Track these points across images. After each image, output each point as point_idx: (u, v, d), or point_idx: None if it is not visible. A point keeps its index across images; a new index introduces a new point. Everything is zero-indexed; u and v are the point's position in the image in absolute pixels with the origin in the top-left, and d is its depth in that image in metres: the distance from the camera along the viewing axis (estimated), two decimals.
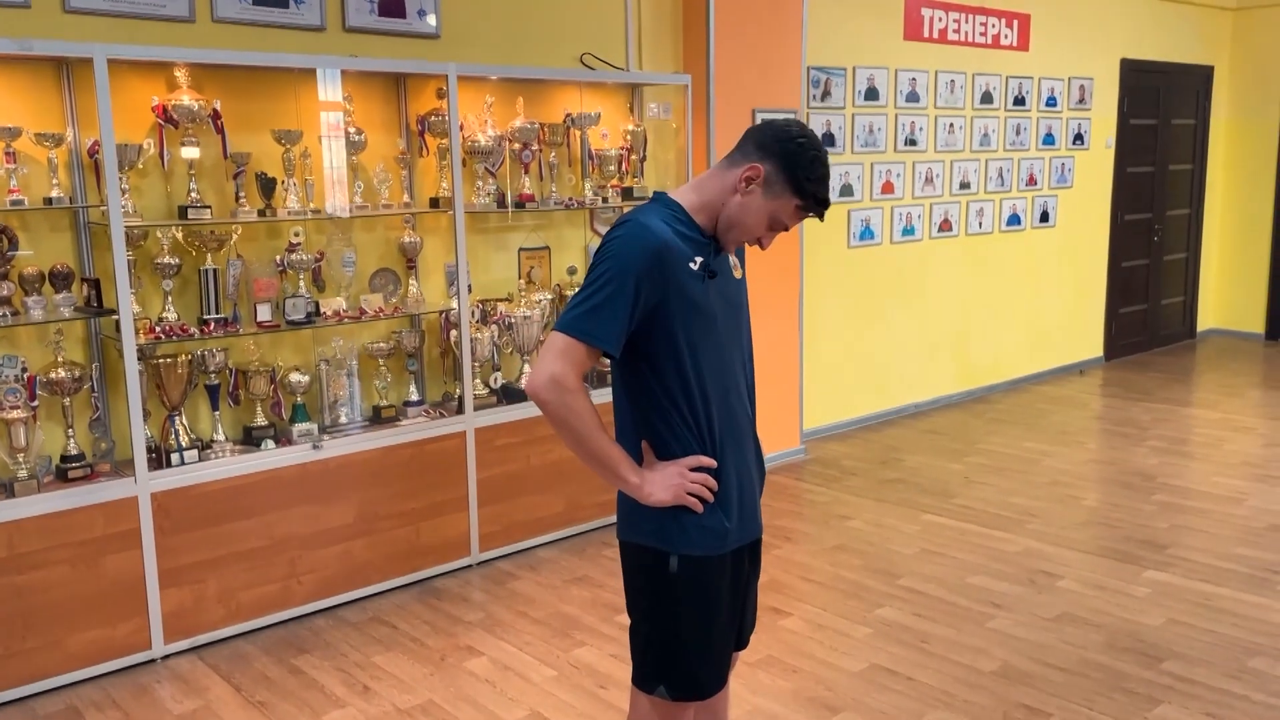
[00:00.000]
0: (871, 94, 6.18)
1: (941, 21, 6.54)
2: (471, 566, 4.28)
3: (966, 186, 6.93)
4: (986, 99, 6.96)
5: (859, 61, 6.08)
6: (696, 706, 2.13)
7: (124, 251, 3.34)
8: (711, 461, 2.01)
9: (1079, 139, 7.76)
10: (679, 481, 1.98)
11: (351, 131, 4.04)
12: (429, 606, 3.92)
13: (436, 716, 3.13)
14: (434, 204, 4.30)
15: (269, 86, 3.89)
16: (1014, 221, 7.34)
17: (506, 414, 4.32)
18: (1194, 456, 5.69)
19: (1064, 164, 7.69)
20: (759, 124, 2.03)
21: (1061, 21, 7.40)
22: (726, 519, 2.04)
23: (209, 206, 3.69)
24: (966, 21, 6.70)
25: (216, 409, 3.81)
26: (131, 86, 3.57)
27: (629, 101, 4.96)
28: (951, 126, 6.75)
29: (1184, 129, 8.78)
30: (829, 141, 5.93)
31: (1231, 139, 9.13)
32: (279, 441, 3.85)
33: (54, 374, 3.42)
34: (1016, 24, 7.05)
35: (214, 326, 3.72)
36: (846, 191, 6.15)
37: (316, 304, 3.98)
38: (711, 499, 2.01)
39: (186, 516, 3.54)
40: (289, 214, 3.89)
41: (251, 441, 3.85)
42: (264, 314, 3.84)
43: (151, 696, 3.29)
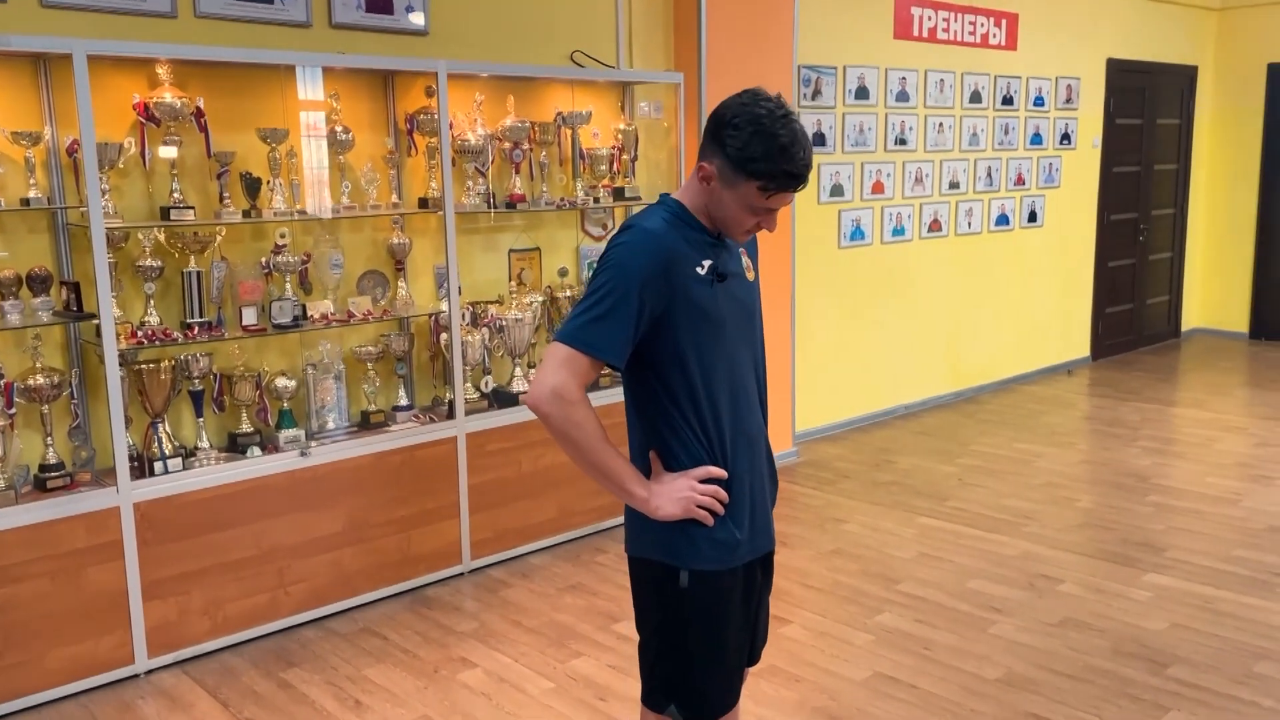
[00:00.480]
0: (862, 93, 6.13)
1: (931, 20, 6.51)
2: (463, 575, 4.20)
3: (956, 186, 6.90)
4: (975, 98, 6.93)
5: (849, 60, 6.03)
6: None
7: (104, 254, 3.24)
8: (721, 472, 1.94)
9: (1066, 139, 7.75)
10: (688, 494, 1.90)
11: (339, 130, 3.95)
12: (420, 616, 3.84)
13: None
14: (423, 204, 4.21)
15: (254, 84, 3.79)
16: (1002, 221, 7.32)
17: (498, 419, 4.24)
18: (1186, 457, 5.68)
19: (1051, 164, 7.67)
20: (711, 113, 1.93)
21: (1049, 21, 7.38)
22: (738, 531, 1.97)
23: (192, 207, 3.60)
24: (955, 20, 6.67)
25: (200, 415, 3.71)
26: (112, 83, 3.47)
27: (620, 100, 4.88)
28: (941, 126, 6.71)
29: (1169, 129, 8.79)
30: (819, 141, 5.87)
31: (1215, 139, 9.16)
32: (265, 449, 3.75)
33: (32, 380, 3.31)
34: (1005, 23, 7.02)
35: (198, 331, 3.63)
36: (837, 191, 6.10)
37: (303, 307, 3.88)
38: (722, 511, 1.94)
39: (170, 527, 3.44)
40: (274, 215, 3.79)
41: (237, 449, 3.75)
42: (249, 317, 3.75)
43: (135, 713, 3.19)
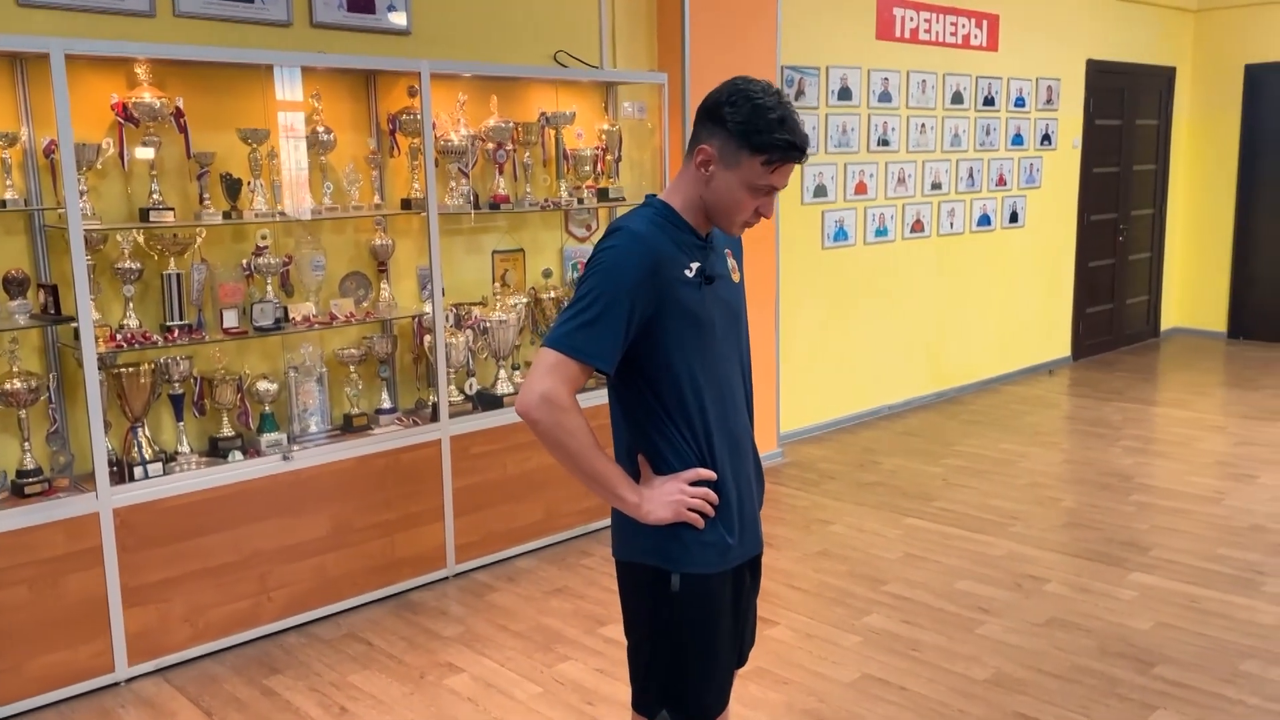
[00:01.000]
0: (844, 94, 6.13)
1: (913, 21, 6.52)
2: (448, 579, 4.16)
3: (938, 187, 6.92)
4: (957, 99, 6.95)
5: (832, 61, 6.04)
6: None
7: (83, 256, 3.19)
8: (710, 474, 1.93)
9: (1046, 139, 7.79)
10: (679, 497, 1.89)
11: (320, 130, 3.91)
12: (405, 621, 3.80)
13: None
14: (406, 205, 4.18)
15: (234, 84, 3.74)
16: (984, 222, 7.34)
17: (482, 421, 4.21)
18: (1168, 456, 5.70)
19: (1032, 164, 7.70)
20: (701, 103, 1.93)
21: (1029, 22, 7.41)
22: (729, 534, 1.96)
23: (172, 209, 3.55)
24: (937, 21, 6.69)
25: (181, 419, 3.67)
26: (90, 83, 3.42)
27: (604, 100, 4.86)
28: (923, 127, 6.73)
29: (1147, 129, 8.85)
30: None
31: (1193, 139, 9.22)
32: (246, 453, 3.71)
33: (9, 384, 3.25)
34: (986, 24, 7.05)
35: (178, 333, 3.58)
36: (820, 192, 6.10)
37: (285, 309, 3.84)
38: (713, 513, 1.93)
39: (151, 532, 3.39)
40: (255, 216, 3.75)
41: (218, 453, 3.70)
42: (230, 320, 3.70)
43: None
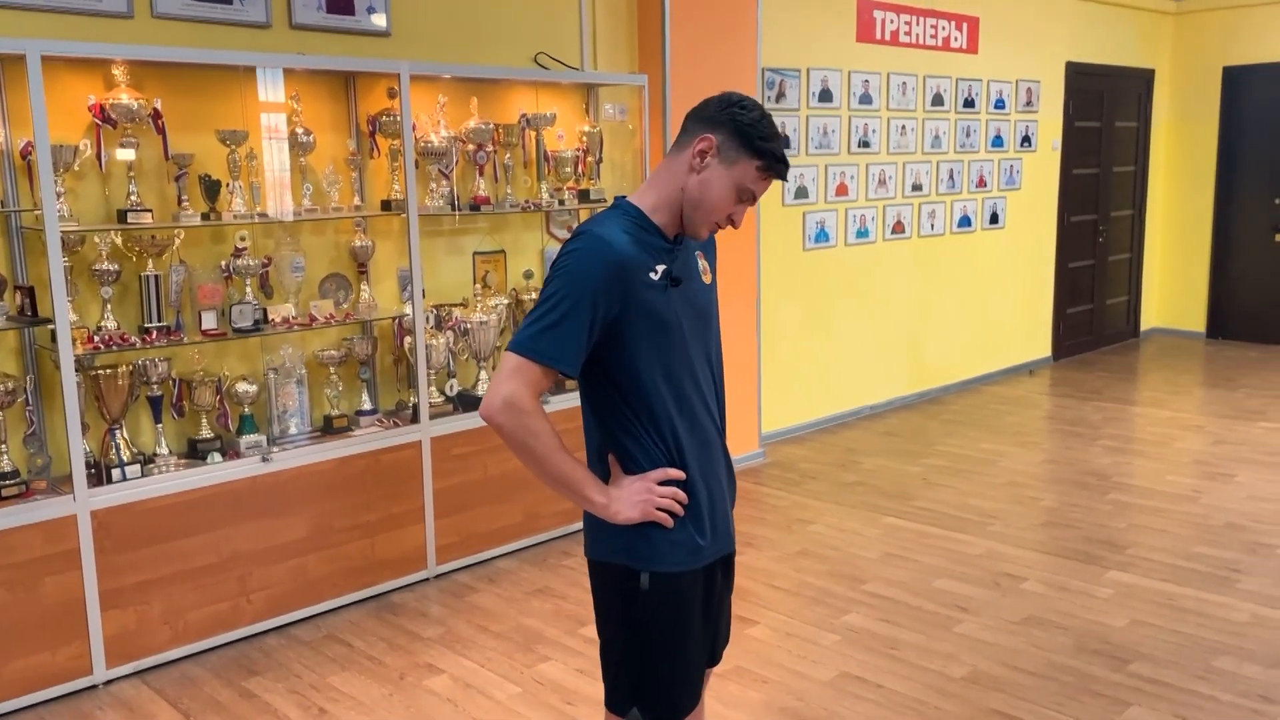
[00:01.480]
0: (825, 96, 6.16)
1: (893, 23, 6.56)
2: (429, 580, 4.16)
3: (919, 188, 6.95)
4: (937, 101, 6.99)
5: (813, 63, 6.07)
6: None
7: (60, 257, 3.18)
8: (678, 473, 1.94)
9: (1026, 141, 7.84)
10: (647, 497, 1.91)
11: (299, 132, 3.91)
12: (385, 623, 3.80)
13: None
14: (386, 206, 4.18)
15: (212, 85, 3.74)
16: (965, 223, 7.38)
17: (463, 422, 4.21)
18: (1146, 455, 5.75)
19: (1012, 166, 7.75)
20: (697, 104, 1.95)
21: (1009, 25, 7.46)
22: (698, 534, 1.97)
23: (150, 210, 3.54)
24: (918, 24, 6.72)
25: (159, 421, 3.66)
26: (67, 85, 3.41)
27: (585, 102, 4.87)
28: (903, 129, 6.76)
29: (1126, 131, 8.91)
30: (784, 144, 5.89)
31: (1172, 141, 9.30)
32: (226, 454, 3.70)
33: None
34: (966, 27, 7.09)
35: (156, 335, 3.57)
36: (801, 194, 6.13)
37: (264, 311, 3.83)
38: (681, 513, 1.94)
39: (129, 535, 3.38)
40: (234, 217, 3.75)
41: (197, 455, 3.69)
42: (209, 322, 3.70)
43: None
